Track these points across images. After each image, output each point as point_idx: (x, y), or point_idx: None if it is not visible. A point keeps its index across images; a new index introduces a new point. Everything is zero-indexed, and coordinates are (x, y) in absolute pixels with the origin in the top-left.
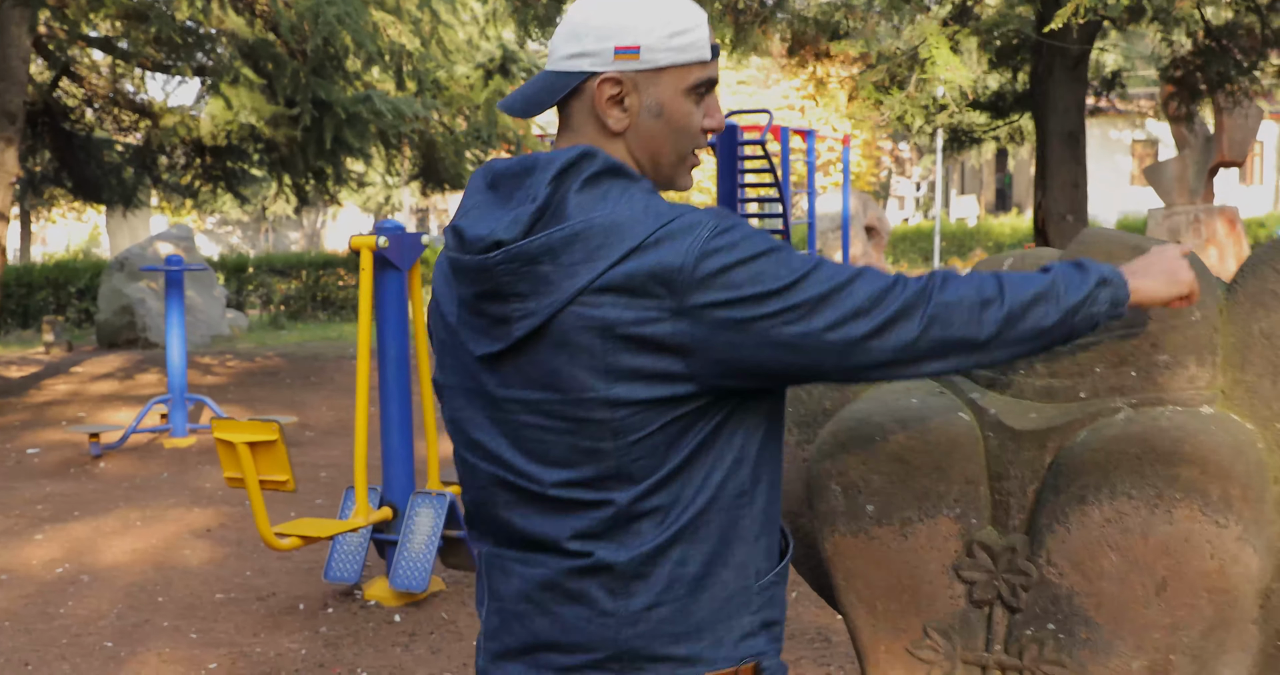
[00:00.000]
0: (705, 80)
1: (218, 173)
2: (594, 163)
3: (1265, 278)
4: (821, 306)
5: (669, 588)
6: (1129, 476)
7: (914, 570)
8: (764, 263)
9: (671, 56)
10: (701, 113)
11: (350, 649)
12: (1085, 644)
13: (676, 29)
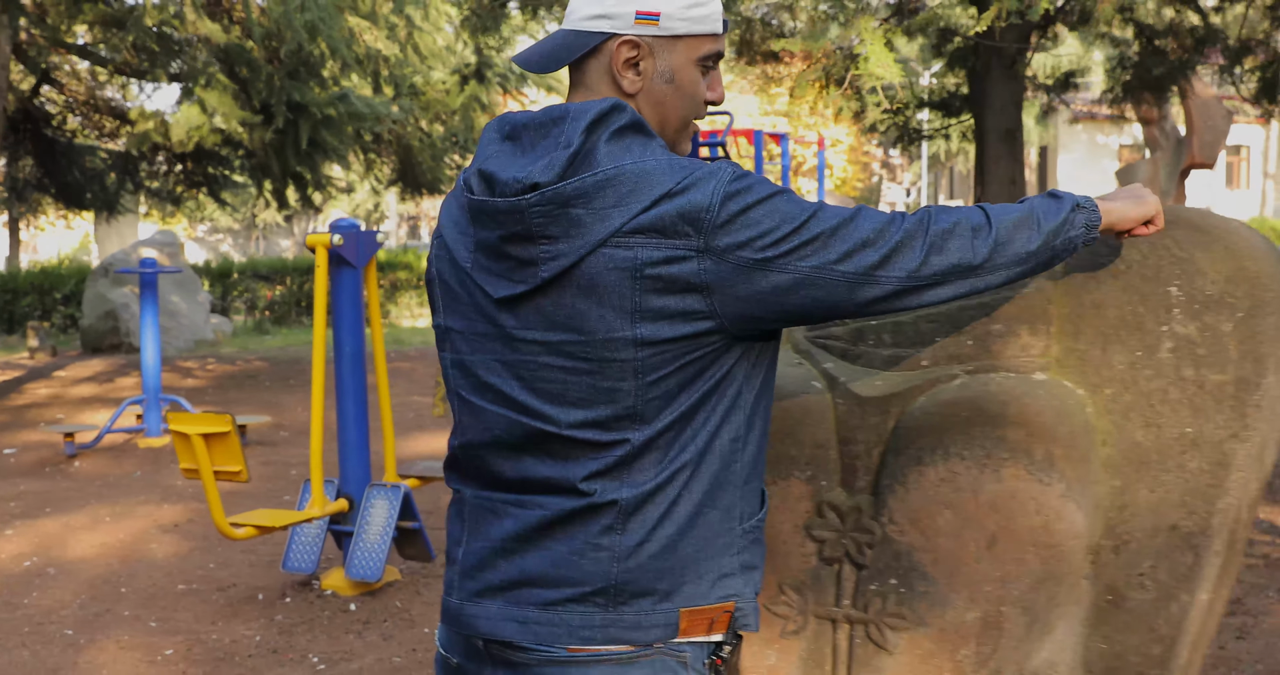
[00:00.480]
0: (715, 52)
1: (199, 178)
2: (623, 116)
3: (1097, 252)
4: (832, 240)
5: (660, 525)
6: (960, 438)
7: (769, 530)
8: (778, 202)
9: (688, 26)
10: (706, 84)
11: (304, 636)
12: (924, 597)
13: (695, 1)
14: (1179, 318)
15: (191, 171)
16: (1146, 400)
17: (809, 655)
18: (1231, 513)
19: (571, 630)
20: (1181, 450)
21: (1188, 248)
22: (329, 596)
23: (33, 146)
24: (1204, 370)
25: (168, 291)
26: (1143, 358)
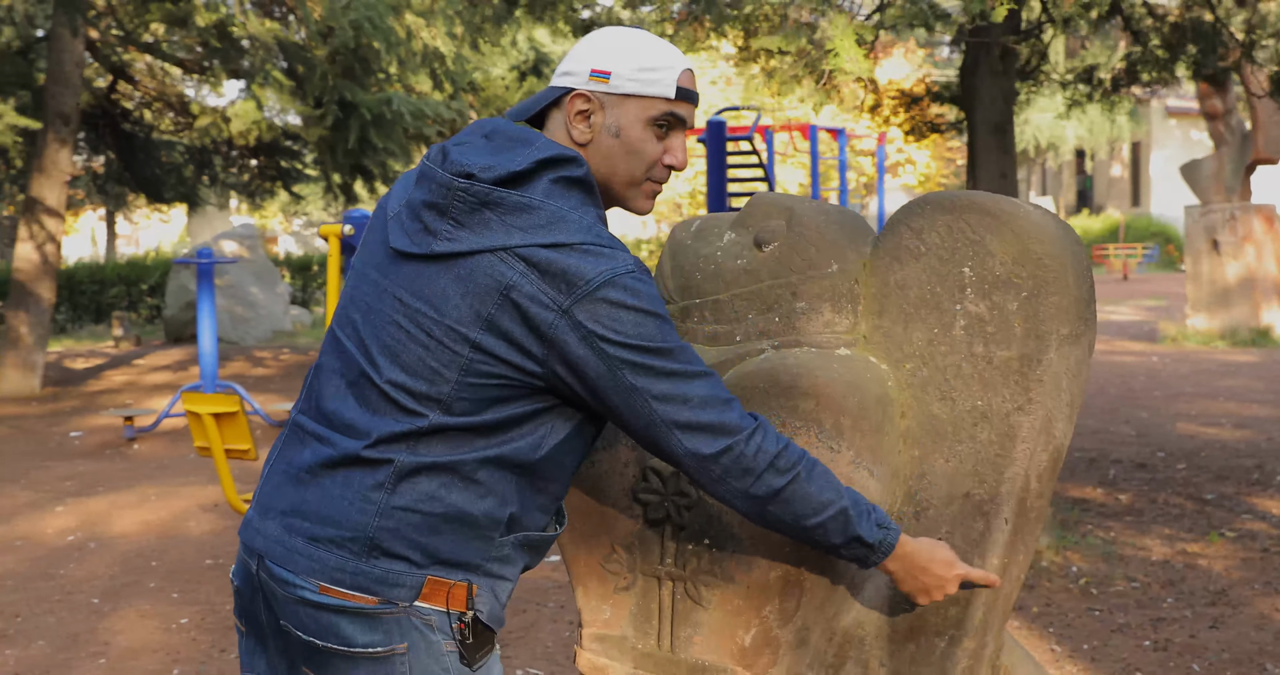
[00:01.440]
0: (665, 114)
1: (272, 172)
2: (578, 170)
3: (901, 235)
4: (666, 378)
5: (428, 501)
6: (759, 408)
7: (601, 494)
8: (648, 320)
9: (637, 87)
10: (657, 144)
11: None
12: (732, 557)
13: (647, 65)
14: (971, 297)
15: (265, 165)
16: (942, 375)
17: (638, 610)
18: (1019, 481)
19: (326, 569)
20: (973, 422)
21: (979, 231)
22: None
23: (112, 141)
24: (992, 347)
25: (247, 283)
26: (939, 335)
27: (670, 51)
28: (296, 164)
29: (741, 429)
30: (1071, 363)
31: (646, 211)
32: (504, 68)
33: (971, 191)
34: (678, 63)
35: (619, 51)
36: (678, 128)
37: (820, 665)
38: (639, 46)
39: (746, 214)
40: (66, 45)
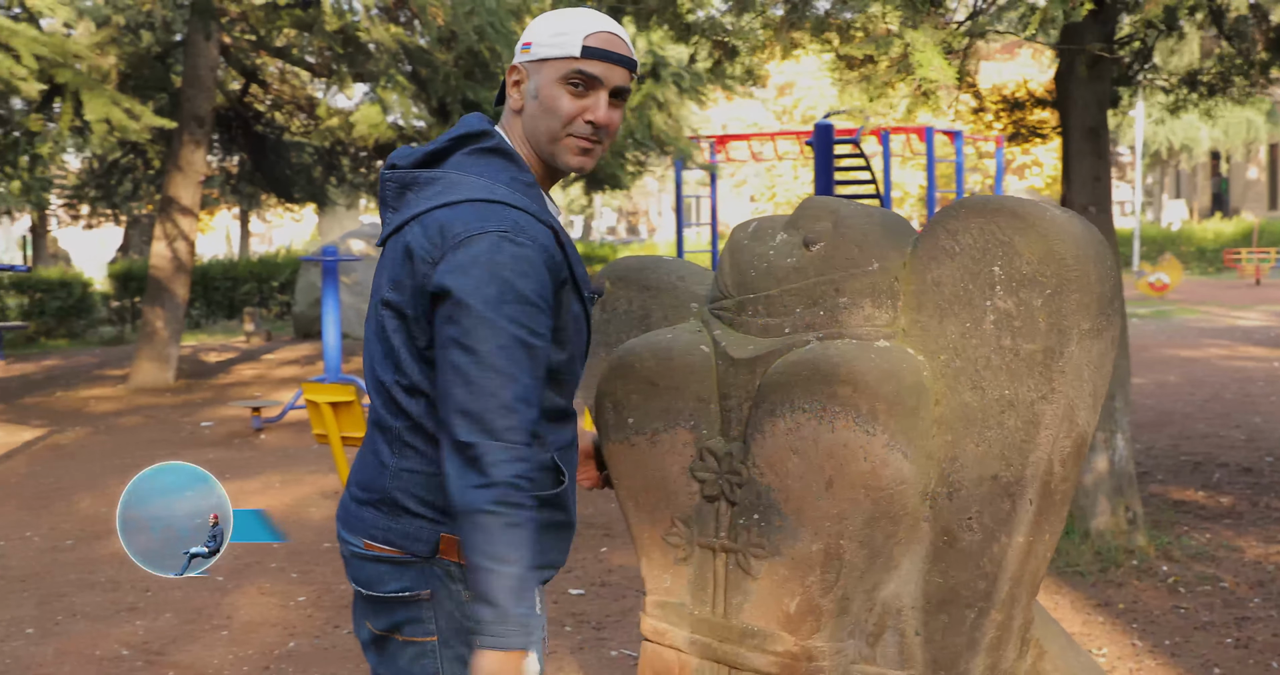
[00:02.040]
0: (574, 72)
1: None
2: (489, 140)
3: (938, 236)
4: (467, 352)
5: (425, 461)
6: (802, 394)
7: (662, 471)
8: (493, 285)
9: (549, 50)
10: (572, 101)
11: None
12: (779, 530)
13: (558, 30)
14: (1000, 294)
15: None
16: (973, 366)
17: (695, 579)
18: (1043, 465)
19: (367, 527)
20: (1001, 410)
21: (1008, 232)
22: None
23: (245, 142)
24: (1019, 340)
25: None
26: (971, 328)
27: (583, 16)
28: None
29: (494, 441)
30: (1093, 355)
31: (578, 168)
32: None
33: (1003, 196)
34: (587, 25)
35: (541, 23)
36: (595, 87)
37: (861, 633)
38: (557, 16)
39: (797, 216)
40: (201, 50)
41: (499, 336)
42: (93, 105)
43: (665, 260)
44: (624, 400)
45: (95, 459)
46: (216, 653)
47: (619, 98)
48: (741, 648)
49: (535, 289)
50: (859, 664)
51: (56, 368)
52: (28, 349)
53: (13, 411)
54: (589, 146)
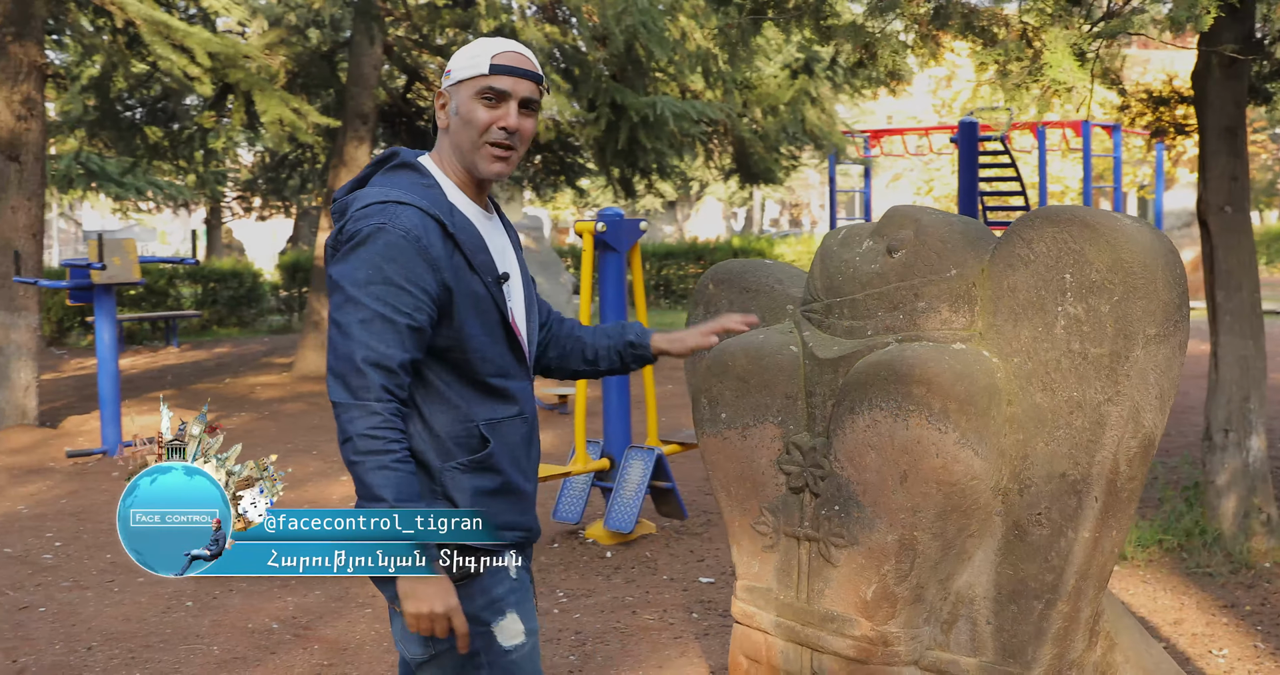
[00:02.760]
0: (485, 88)
1: (556, 167)
2: (397, 159)
3: (1014, 244)
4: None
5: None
6: (880, 393)
7: (751, 463)
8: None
9: (463, 73)
10: (487, 112)
11: (560, 575)
12: (857, 521)
13: (471, 55)
14: (1070, 300)
15: (549, 161)
16: (1044, 368)
17: (781, 565)
18: (1108, 464)
19: None
20: (1069, 411)
21: (1079, 242)
22: (590, 544)
23: (407, 138)
24: (1087, 344)
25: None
26: (1043, 333)
27: (491, 41)
28: (578, 159)
29: (352, 399)
30: (1159, 360)
31: (495, 174)
32: (776, 67)
33: (1076, 206)
34: (494, 47)
35: (459, 53)
36: (505, 98)
37: (936, 620)
38: (472, 44)
39: (882, 224)
40: (365, 50)
41: (361, 312)
42: (264, 104)
43: (767, 264)
44: (719, 396)
45: (259, 444)
46: (359, 629)
47: (529, 108)
48: (822, 631)
49: (402, 273)
50: (933, 650)
51: (226, 355)
52: (200, 337)
53: (184, 397)
54: (504, 154)
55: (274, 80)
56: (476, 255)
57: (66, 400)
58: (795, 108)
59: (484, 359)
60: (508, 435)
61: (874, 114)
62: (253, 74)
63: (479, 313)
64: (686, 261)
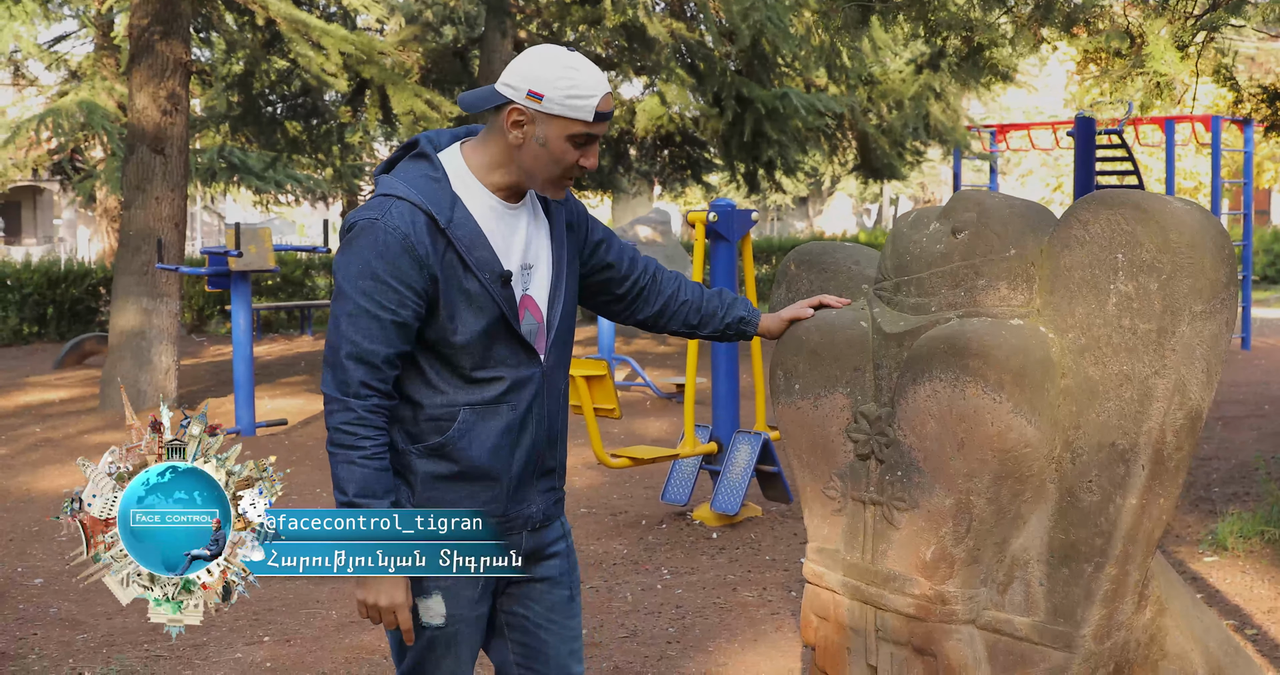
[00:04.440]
0: (583, 134)
1: (682, 161)
2: (417, 148)
3: (1071, 226)
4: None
5: None
6: (939, 365)
7: (823, 431)
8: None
9: (563, 110)
10: (575, 153)
11: (665, 554)
12: (917, 486)
13: (575, 94)
14: (1122, 278)
15: (675, 155)
16: (1097, 343)
17: (848, 528)
18: (1155, 434)
19: None
20: (1119, 384)
21: (1132, 223)
22: (697, 526)
23: None
24: (1136, 320)
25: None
26: (1096, 309)
27: (594, 80)
28: (705, 154)
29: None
30: (1205, 336)
31: (560, 198)
32: (901, 62)
33: (1132, 190)
34: (599, 90)
35: (555, 76)
36: (594, 142)
37: (992, 581)
38: (569, 71)
39: (950, 207)
40: (497, 45)
41: (348, 306)
42: (398, 98)
43: (845, 246)
44: (793, 369)
45: None
46: None
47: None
48: (885, 590)
49: (389, 269)
50: (990, 609)
51: None
52: None
53: (315, 382)
54: (570, 183)
55: (408, 76)
56: (473, 252)
57: (204, 384)
58: (919, 103)
59: (471, 353)
60: (489, 421)
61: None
62: (387, 70)
63: (473, 309)
64: None
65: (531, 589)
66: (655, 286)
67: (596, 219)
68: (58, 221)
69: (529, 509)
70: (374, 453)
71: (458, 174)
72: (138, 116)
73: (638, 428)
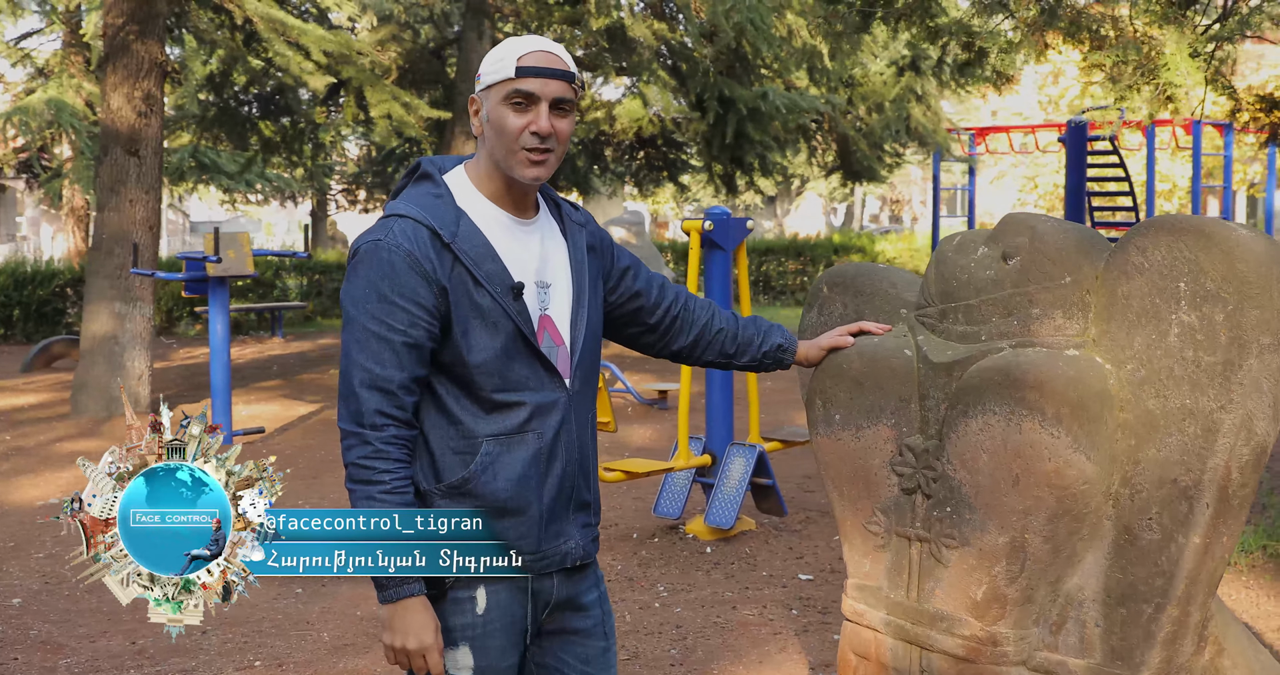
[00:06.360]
0: (512, 92)
1: (659, 163)
2: (420, 170)
3: (1129, 252)
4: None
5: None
6: (994, 397)
7: (865, 464)
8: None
9: (491, 77)
10: (517, 118)
11: (659, 569)
12: (968, 523)
13: (496, 57)
14: (1184, 308)
15: (651, 156)
16: (1157, 375)
17: (892, 565)
18: (1220, 471)
19: None
20: (1182, 418)
21: (1194, 251)
22: (690, 539)
23: None
24: (1200, 352)
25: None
26: (1156, 340)
27: (518, 40)
28: (682, 155)
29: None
30: (1273, 369)
31: (532, 178)
32: (882, 64)
33: (1192, 215)
34: (520, 47)
35: (487, 56)
36: (534, 102)
37: (1045, 622)
38: (499, 45)
39: (999, 231)
40: (475, 46)
41: (356, 331)
42: (375, 99)
43: (881, 268)
44: (833, 398)
45: None
46: None
47: (562, 108)
48: (932, 630)
49: (395, 289)
50: (1042, 651)
51: (331, 346)
52: (305, 328)
53: (290, 387)
54: (539, 158)
55: (386, 76)
56: (482, 265)
57: (177, 389)
58: (900, 105)
59: (489, 374)
60: (514, 451)
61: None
62: (364, 70)
63: (487, 326)
64: (786, 257)
65: (567, 640)
66: (689, 316)
67: (622, 247)
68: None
69: (566, 544)
70: (395, 486)
71: (461, 190)
72: (112, 117)
73: (623, 435)
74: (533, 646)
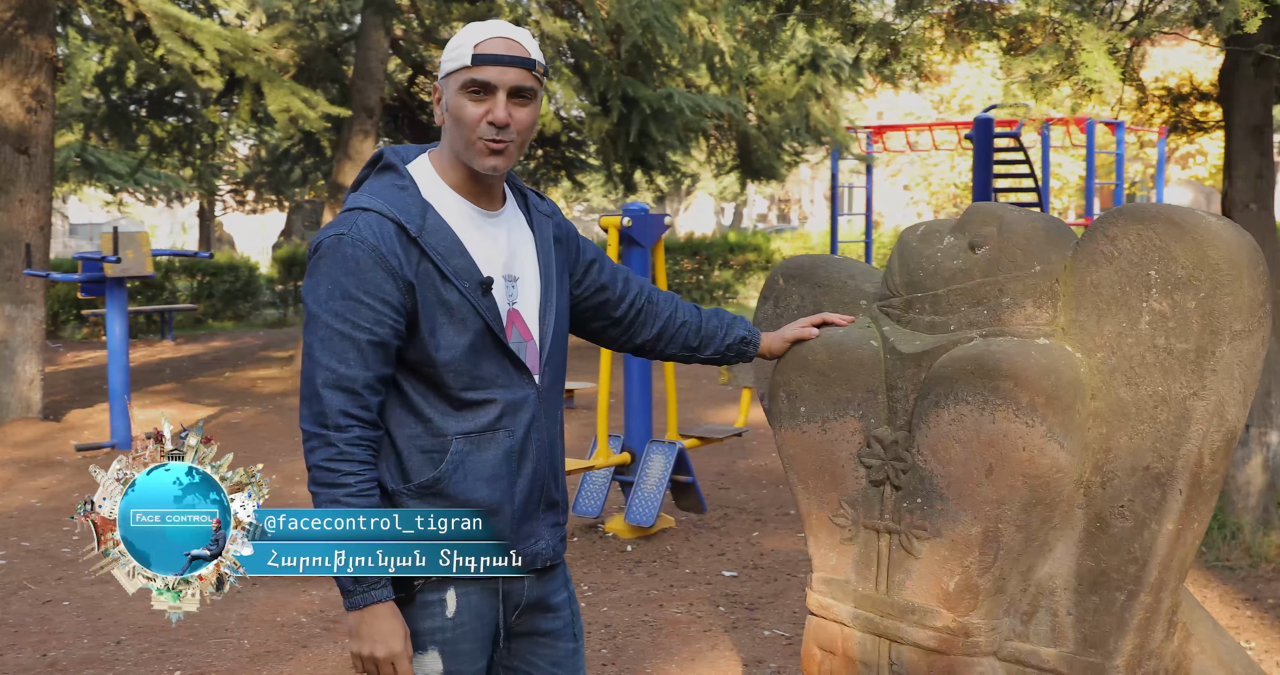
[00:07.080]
0: (468, 80)
1: (558, 161)
2: (382, 160)
3: (1097, 241)
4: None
5: None
6: (966, 387)
7: (831, 457)
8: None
9: (449, 65)
10: (475, 107)
11: (582, 569)
12: (940, 514)
13: (454, 46)
14: (1155, 296)
15: (550, 154)
16: (1128, 363)
17: (859, 558)
18: (1193, 458)
19: None
20: (1154, 405)
21: (1165, 239)
22: (610, 538)
23: (410, 131)
24: (1172, 340)
25: None
26: (1127, 328)
27: (477, 27)
28: (580, 154)
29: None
30: (1244, 355)
31: (490, 169)
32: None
33: (1161, 204)
34: (478, 34)
35: (449, 43)
36: (492, 90)
37: (1016, 611)
38: (460, 32)
39: (964, 220)
40: (373, 43)
41: (320, 330)
42: (273, 96)
43: (837, 259)
44: (798, 390)
45: (268, 438)
46: None
47: (521, 97)
48: (902, 623)
49: (359, 285)
50: (1013, 640)
51: (223, 349)
52: (195, 330)
53: (185, 390)
54: (498, 147)
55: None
56: (449, 260)
57: (68, 393)
58: (800, 104)
59: (458, 373)
60: (485, 450)
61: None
62: (263, 67)
63: (454, 322)
64: (682, 256)
65: (537, 642)
66: (653, 309)
67: (587, 239)
68: None
69: (537, 545)
70: (360, 489)
71: (427, 181)
72: (0, 114)
73: None
74: (502, 649)
